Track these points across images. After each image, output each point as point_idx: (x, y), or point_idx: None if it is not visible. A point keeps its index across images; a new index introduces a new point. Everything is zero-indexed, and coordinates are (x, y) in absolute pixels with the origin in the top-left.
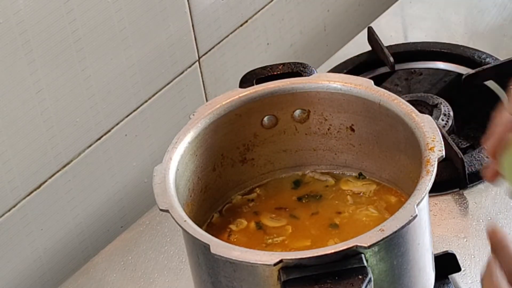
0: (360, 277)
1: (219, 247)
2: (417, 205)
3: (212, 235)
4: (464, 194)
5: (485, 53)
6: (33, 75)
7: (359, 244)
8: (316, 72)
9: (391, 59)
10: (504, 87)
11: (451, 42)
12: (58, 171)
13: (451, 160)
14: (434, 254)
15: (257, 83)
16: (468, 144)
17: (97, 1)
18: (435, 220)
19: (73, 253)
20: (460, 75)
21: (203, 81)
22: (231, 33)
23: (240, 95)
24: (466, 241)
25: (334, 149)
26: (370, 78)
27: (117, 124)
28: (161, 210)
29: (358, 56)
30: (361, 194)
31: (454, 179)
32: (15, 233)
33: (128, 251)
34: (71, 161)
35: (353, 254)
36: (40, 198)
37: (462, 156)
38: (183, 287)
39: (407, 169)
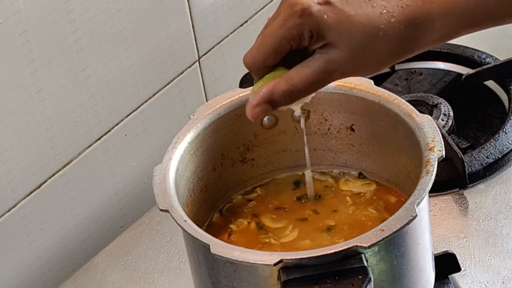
0: (360, 277)
1: (219, 247)
2: (417, 205)
3: (212, 235)
4: (464, 194)
5: (485, 53)
6: (33, 75)
7: (359, 244)
8: None
9: None
10: (504, 87)
11: (451, 42)
12: (58, 171)
13: (451, 160)
14: (434, 254)
15: None
16: (468, 144)
17: (97, 1)
18: (435, 220)
19: (73, 253)
20: (460, 75)
21: (203, 81)
22: (231, 33)
23: (240, 95)
24: (466, 241)
25: (334, 149)
26: (370, 78)
27: (117, 124)
28: (161, 210)
29: None
30: (361, 194)
31: (454, 179)
32: (15, 233)
33: (128, 251)
34: (71, 161)
35: (353, 254)
36: (40, 198)
37: (462, 156)
38: (183, 287)
39: (407, 169)
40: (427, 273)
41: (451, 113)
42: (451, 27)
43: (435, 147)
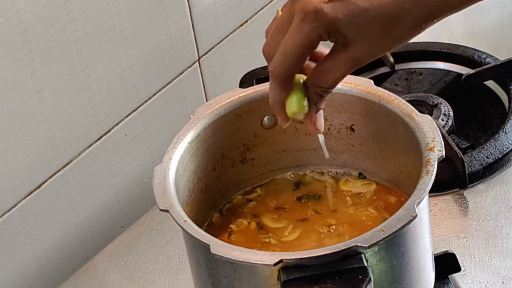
0: (360, 277)
1: (219, 247)
2: (417, 205)
3: (212, 235)
4: (464, 194)
5: (485, 53)
6: (33, 75)
7: (359, 244)
8: None
9: (391, 59)
10: (504, 87)
11: (451, 42)
12: (58, 171)
13: (451, 160)
14: (434, 254)
15: (257, 83)
16: (468, 144)
17: (97, 1)
18: (435, 220)
19: (73, 253)
20: (460, 75)
21: (203, 81)
22: (231, 33)
23: (240, 95)
24: (466, 241)
25: (334, 149)
26: (370, 78)
27: (117, 124)
28: (161, 210)
29: None
30: (361, 194)
31: (454, 179)
32: (15, 233)
33: (128, 251)
34: (71, 161)
35: (353, 254)
36: (40, 198)
37: (462, 156)
38: (183, 287)
39: (407, 169)
40: (427, 273)
41: (451, 113)
42: None
43: (435, 147)
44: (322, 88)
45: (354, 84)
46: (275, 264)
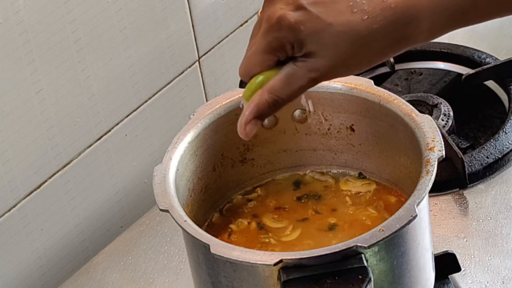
0: (360, 277)
1: (219, 247)
2: (417, 205)
3: (212, 235)
4: (464, 194)
5: (485, 53)
6: (33, 75)
7: (359, 244)
8: None
9: (391, 59)
10: (504, 87)
11: (451, 42)
12: (58, 171)
13: (451, 160)
14: (434, 254)
15: None
16: (468, 144)
17: (97, 1)
18: (435, 220)
19: (73, 253)
20: (460, 75)
21: (203, 81)
22: (231, 33)
23: (240, 95)
24: (466, 241)
25: (334, 149)
26: (370, 78)
27: (117, 124)
28: (161, 210)
29: None
30: (361, 194)
31: (454, 179)
32: (15, 233)
33: (128, 251)
34: (71, 161)
35: (353, 254)
36: (40, 198)
37: (462, 156)
38: (183, 287)
39: (407, 169)
40: (427, 273)
41: (451, 113)
42: (439, 26)
43: (435, 147)
44: (274, 96)
45: (354, 84)
46: (275, 264)
